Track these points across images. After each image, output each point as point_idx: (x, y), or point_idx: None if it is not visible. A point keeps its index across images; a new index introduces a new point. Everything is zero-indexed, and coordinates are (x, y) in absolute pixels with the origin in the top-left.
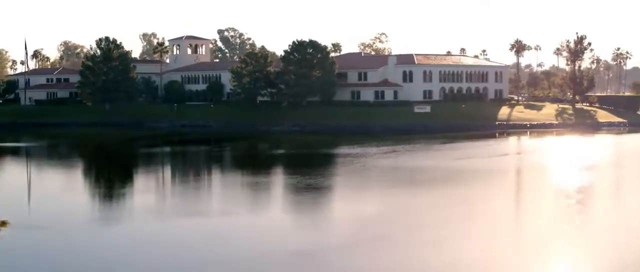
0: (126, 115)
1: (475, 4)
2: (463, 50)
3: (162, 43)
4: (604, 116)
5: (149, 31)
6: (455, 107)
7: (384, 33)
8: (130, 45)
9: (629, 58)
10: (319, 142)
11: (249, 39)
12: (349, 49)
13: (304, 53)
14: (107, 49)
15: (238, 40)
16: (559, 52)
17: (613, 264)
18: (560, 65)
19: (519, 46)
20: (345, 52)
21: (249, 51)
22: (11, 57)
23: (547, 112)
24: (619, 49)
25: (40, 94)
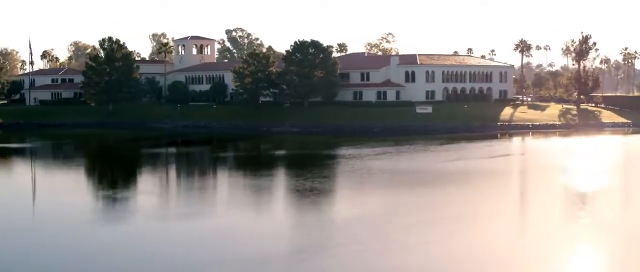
0: (129, 116)
1: (475, 4)
2: (470, 50)
3: (167, 43)
4: (608, 117)
5: (159, 31)
6: (457, 108)
7: (390, 33)
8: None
9: (637, 58)
10: (316, 143)
11: (256, 39)
12: (355, 49)
13: (305, 53)
14: (111, 49)
15: (246, 41)
16: (568, 52)
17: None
18: (571, 65)
19: (524, 46)
20: (350, 52)
21: (250, 51)
22: (21, 58)
23: (551, 112)
24: (626, 48)
25: (45, 94)
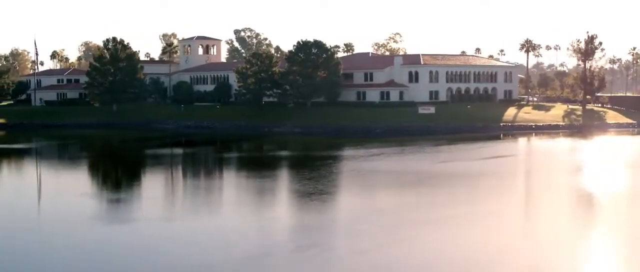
0: (133, 116)
1: (484, 4)
2: (478, 50)
3: (171, 43)
4: (613, 117)
5: (169, 32)
6: (461, 108)
7: (398, 33)
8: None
9: None
10: (315, 144)
11: (265, 39)
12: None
13: (308, 53)
14: (115, 49)
15: (255, 41)
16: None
17: None
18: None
19: (529, 46)
20: (355, 53)
21: (253, 51)
22: (32, 58)
23: (555, 113)
24: (634, 48)
25: (51, 94)
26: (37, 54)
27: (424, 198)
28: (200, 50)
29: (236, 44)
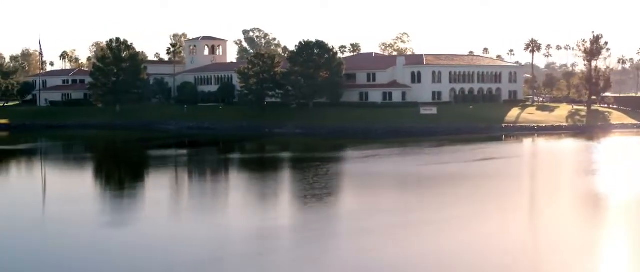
0: (136, 117)
1: (484, 4)
2: (486, 50)
3: (175, 44)
4: (618, 118)
5: (180, 32)
6: (463, 109)
7: (405, 33)
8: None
9: None
10: (311, 145)
11: (274, 39)
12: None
13: (310, 54)
14: (118, 49)
15: (263, 41)
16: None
17: None
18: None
19: (534, 46)
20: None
21: (255, 52)
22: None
23: (559, 114)
24: None
25: (56, 95)
26: (41, 54)
27: (400, 203)
28: (206, 51)
29: (245, 44)
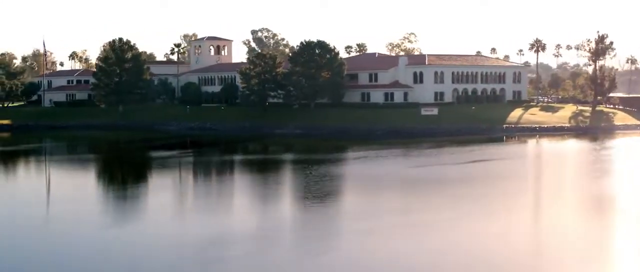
0: (138, 118)
1: (483, 4)
2: (493, 50)
3: (179, 44)
4: (622, 119)
5: (190, 32)
6: (465, 110)
7: (412, 33)
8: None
9: None
10: (307, 145)
11: (282, 39)
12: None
13: (311, 54)
14: (120, 50)
15: (272, 41)
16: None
17: None
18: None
19: (538, 46)
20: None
21: (257, 52)
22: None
23: (562, 114)
24: None
25: (60, 95)
26: (45, 54)
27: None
28: (211, 51)
29: (253, 44)
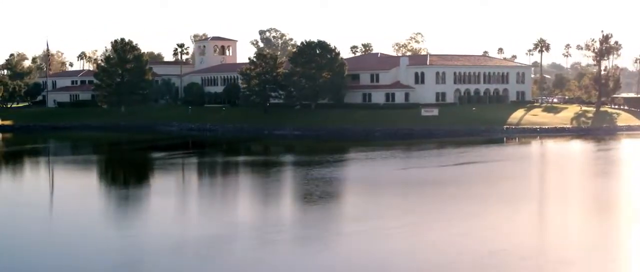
0: (139, 118)
1: (482, 4)
2: (501, 50)
3: (183, 44)
4: (625, 119)
5: (200, 32)
6: (466, 110)
7: (419, 33)
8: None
9: None
10: (303, 147)
11: (290, 39)
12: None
13: (312, 54)
14: (122, 50)
15: (280, 41)
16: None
17: None
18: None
19: (543, 45)
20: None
21: (258, 52)
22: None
23: (565, 115)
24: None
25: (64, 96)
26: (48, 55)
27: (328, 210)
28: (216, 51)
29: (261, 44)
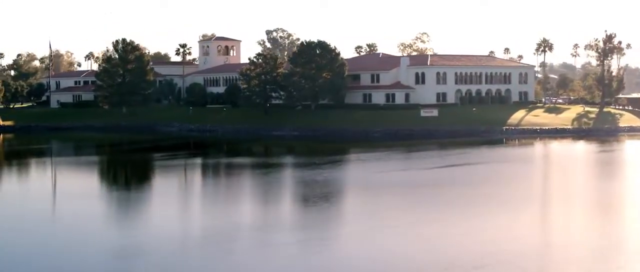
0: (140, 119)
1: (489, 3)
2: (507, 49)
3: (185, 44)
4: (628, 120)
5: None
6: (466, 111)
7: (425, 33)
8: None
9: None
10: (297, 148)
11: (297, 39)
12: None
13: (311, 54)
14: (124, 50)
15: (287, 41)
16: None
17: None
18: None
19: (545, 45)
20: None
21: (258, 53)
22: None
23: (567, 116)
24: None
25: (67, 96)
26: (51, 56)
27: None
28: (220, 51)
29: (268, 44)
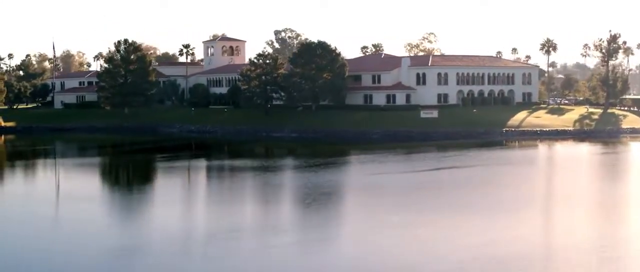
0: (142, 120)
1: (497, 4)
2: (514, 50)
3: (188, 44)
4: (631, 122)
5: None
6: (467, 112)
7: (432, 33)
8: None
9: None
10: (292, 150)
11: (306, 39)
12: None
13: (311, 55)
14: (126, 51)
15: (295, 41)
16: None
17: None
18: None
19: (549, 46)
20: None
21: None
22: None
23: (569, 117)
24: None
25: (71, 97)
26: (54, 56)
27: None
28: (224, 52)
29: (277, 44)
